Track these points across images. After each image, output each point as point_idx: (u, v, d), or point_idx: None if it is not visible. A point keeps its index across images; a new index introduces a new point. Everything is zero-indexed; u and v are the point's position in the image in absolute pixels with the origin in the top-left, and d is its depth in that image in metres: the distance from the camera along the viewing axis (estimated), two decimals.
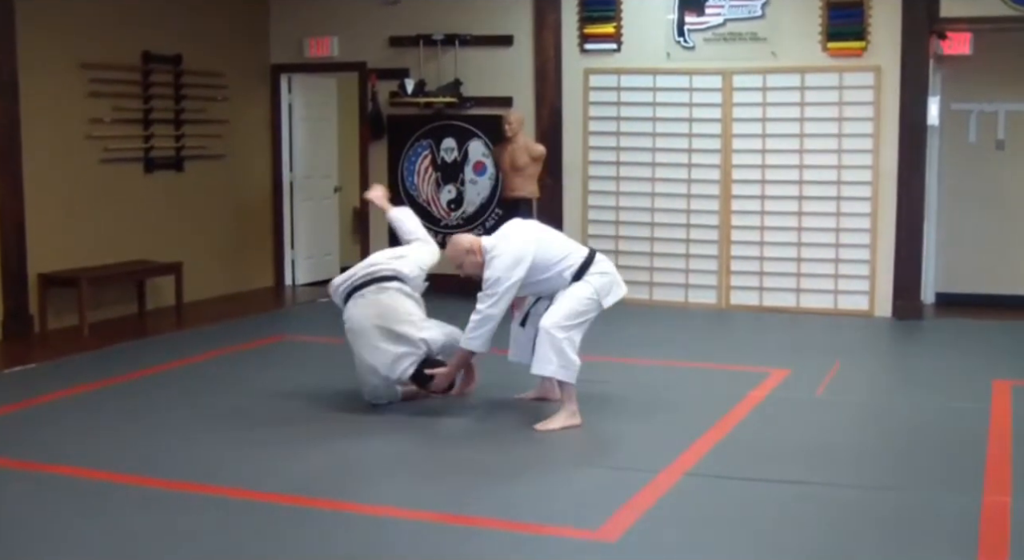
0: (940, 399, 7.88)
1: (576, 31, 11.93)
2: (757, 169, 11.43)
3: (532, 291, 7.26)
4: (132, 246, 11.09)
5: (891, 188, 11.03)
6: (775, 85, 11.31)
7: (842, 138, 11.15)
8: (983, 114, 11.84)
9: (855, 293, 11.22)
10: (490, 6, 12.26)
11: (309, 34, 12.89)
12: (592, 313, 7.12)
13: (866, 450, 6.78)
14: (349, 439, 6.85)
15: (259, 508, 5.59)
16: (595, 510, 5.55)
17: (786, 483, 5.98)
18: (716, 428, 7.02)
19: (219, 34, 12.23)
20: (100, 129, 10.75)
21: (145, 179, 11.35)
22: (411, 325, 7.22)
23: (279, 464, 6.29)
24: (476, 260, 7.07)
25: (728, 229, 11.55)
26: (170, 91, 11.61)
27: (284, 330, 10.71)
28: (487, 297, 6.94)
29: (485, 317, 6.92)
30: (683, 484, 5.97)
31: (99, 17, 10.74)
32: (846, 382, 8.44)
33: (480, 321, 6.93)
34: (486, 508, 5.59)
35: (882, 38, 10.95)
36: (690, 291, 11.73)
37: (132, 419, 7.24)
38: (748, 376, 8.45)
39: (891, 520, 5.47)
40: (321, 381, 8.21)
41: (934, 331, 10.67)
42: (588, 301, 7.06)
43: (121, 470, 6.15)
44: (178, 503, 5.66)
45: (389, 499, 5.76)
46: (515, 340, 7.52)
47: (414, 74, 12.41)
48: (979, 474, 6.11)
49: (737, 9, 11.38)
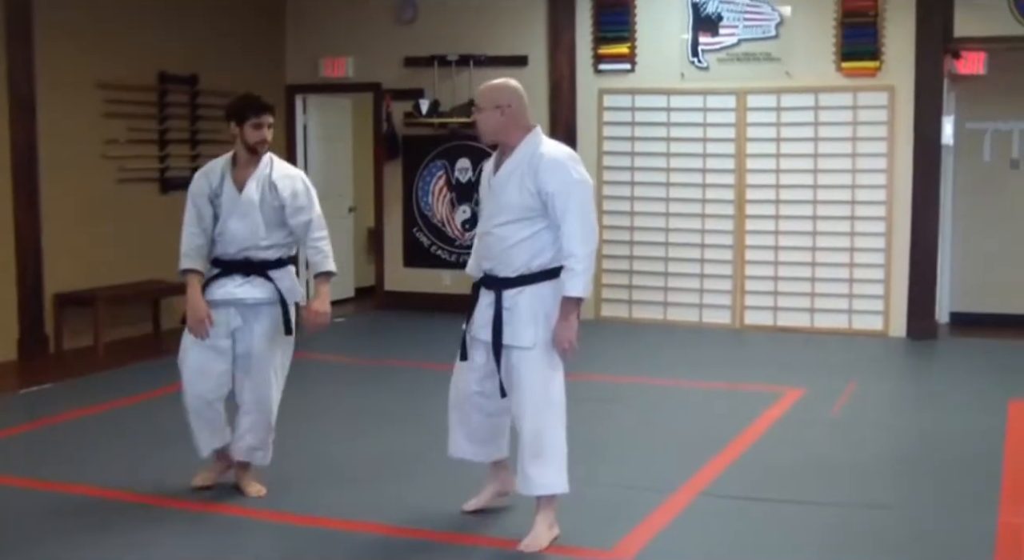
0: (955, 419, 7.86)
1: (590, 51, 11.95)
2: (771, 189, 11.43)
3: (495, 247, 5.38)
4: (147, 265, 11.11)
5: (905, 207, 11.01)
6: (789, 105, 11.31)
7: (856, 158, 11.14)
8: (997, 133, 11.84)
9: (869, 313, 11.19)
10: (504, 27, 12.30)
11: (324, 54, 12.93)
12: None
13: (881, 470, 6.76)
14: (365, 464, 6.86)
15: (274, 529, 5.60)
16: (609, 529, 5.54)
17: (801, 503, 5.97)
18: (731, 448, 7.01)
19: (235, 54, 12.28)
20: (116, 149, 10.81)
21: (161, 199, 11.39)
22: None
23: (295, 484, 6.29)
24: (508, 121, 5.37)
25: (743, 249, 11.55)
26: (186, 111, 11.67)
27: (297, 349, 10.67)
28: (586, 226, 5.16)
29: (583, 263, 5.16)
30: (698, 504, 5.96)
31: (116, 37, 10.81)
32: (861, 402, 8.42)
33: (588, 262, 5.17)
34: (500, 527, 5.59)
35: (896, 57, 10.95)
36: (704, 311, 11.72)
37: (148, 439, 7.25)
38: (763, 396, 8.44)
39: (906, 541, 5.46)
40: (337, 400, 8.22)
41: (949, 351, 10.65)
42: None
43: (138, 490, 6.15)
44: (195, 523, 5.67)
45: (403, 519, 5.74)
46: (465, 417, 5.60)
47: (429, 94, 12.45)
48: (995, 495, 6.10)
49: (751, 29, 11.40)
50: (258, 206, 5.92)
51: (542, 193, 5.15)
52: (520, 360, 5.22)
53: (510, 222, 5.23)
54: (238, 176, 5.99)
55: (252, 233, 5.93)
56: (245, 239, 5.94)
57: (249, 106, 5.97)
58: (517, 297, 5.22)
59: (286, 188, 5.95)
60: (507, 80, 5.51)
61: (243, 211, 5.92)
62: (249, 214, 5.92)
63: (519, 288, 5.23)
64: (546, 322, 5.19)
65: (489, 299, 5.31)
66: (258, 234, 5.94)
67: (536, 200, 5.17)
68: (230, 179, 5.99)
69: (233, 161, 6.05)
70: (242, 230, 5.93)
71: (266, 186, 5.96)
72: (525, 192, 5.18)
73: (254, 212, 5.92)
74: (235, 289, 5.95)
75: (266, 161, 6.02)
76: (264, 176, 5.97)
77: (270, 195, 5.94)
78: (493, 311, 5.25)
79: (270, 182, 5.96)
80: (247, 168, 5.99)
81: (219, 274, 6.00)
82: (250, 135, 5.93)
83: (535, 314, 5.20)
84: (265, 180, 5.97)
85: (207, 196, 6.00)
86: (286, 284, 6.05)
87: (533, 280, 5.23)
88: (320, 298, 5.96)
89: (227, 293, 5.94)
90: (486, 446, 5.60)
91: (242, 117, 5.93)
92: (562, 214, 5.13)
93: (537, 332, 5.19)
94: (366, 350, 10.76)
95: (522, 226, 5.21)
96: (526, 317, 5.20)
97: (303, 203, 5.97)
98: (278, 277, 6.02)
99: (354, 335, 11.70)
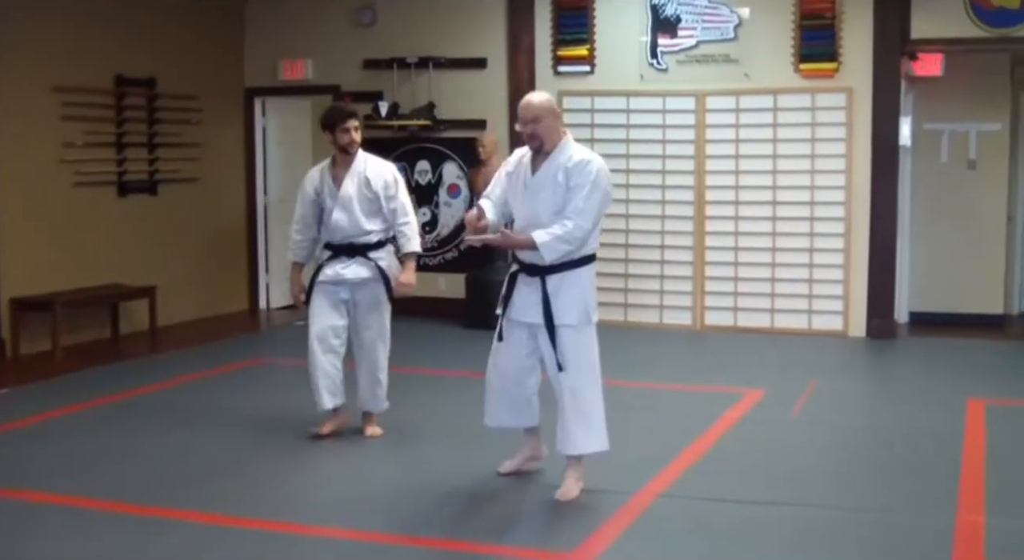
0: (914, 418, 7.91)
1: (550, 53, 11.96)
2: (731, 190, 11.46)
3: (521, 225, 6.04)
4: (106, 270, 11.05)
5: (864, 208, 11.08)
6: (748, 106, 11.35)
7: (815, 159, 11.20)
8: (954, 134, 11.93)
9: (829, 313, 11.24)
10: (464, 29, 12.28)
11: (283, 57, 12.88)
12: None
13: (841, 470, 6.79)
14: (324, 463, 6.84)
15: (235, 533, 5.57)
16: (571, 531, 5.54)
17: (761, 504, 5.98)
18: (691, 449, 7.03)
19: (193, 57, 12.21)
20: (73, 153, 10.72)
21: (119, 203, 11.32)
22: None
23: (255, 488, 6.27)
24: (555, 126, 5.98)
25: (703, 250, 11.58)
26: (144, 114, 11.58)
27: (258, 354, 10.68)
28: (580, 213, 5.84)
29: (571, 234, 5.83)
30: (657, 506, 5.97)
31: (72, 40, 10.72)
32: (821, 402, 8.45)
33: (564, 237, 5.82)
34: (459, 530, 5.59)
35: (854, 59, 11.00)
36: (665, 312, 11.75)
37: (106, 444, 7.20)
38: (723, 397, 8.46)
39: (866, 540, 5.48)
40: (296, 405, 8.18)
41: (908, 350, 10.71)
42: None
43: (95, 495, 6.11)
44: (152, 528, 5.63)
45: (366, 524, 5.72)
46: (506, 393, 6.30)
47: (388, 97, 12.41)
48: (953, 494, 6.13)
49: (710, 31, 11.43)
50: (355, 199, 7.09)
51: (569, 188, 5.87)
52: (566, 336, 5.95)
53: (549, 218, 5.85)
54: (337, 174, 7.17)
55: (353, 223, 7.09)
56: (347, 228, 7.10)
57: (335, 116, 7.19)
58: (560, 282, 5.93)
59: (378, 181, 7.11)
60: (543, 94, 6.18)
61: (343, 204, 7.09)
62: (349, 207, 7.09)
63: (561, 275, 5.92)
64: (583, 303, 5.96)
65: (533, 286, 5.97)
66: (358, 223, 7.09)
67: (567, 195, 5.88)
68: (330, 178, 7.18)
69: (332, 162, 7.24)
70: (344, 220, 7.10)
71: (361, 181, 7.10)
72: (560, 190, 5.88)
73: (352, 205, 7.09)
74: (343, 270, 7.13)
75: (360, 158, 7.18)
76: (359, 172, 7.12)
77: (365, 188, 7.08)
78: (539, 296, 5.93)
79: (364, 177, 7.11)
80: (344, 167, 7.16)
81: (330, 257, 7.21)
82: (340, 138, 7.11)
83: (574, 296, 5.95)
84: (360, 176, 7.12)
85: (311, 196, 7.22)
86: (385, 263, 7.18)
87: (570, 267, 5.94)
88: (407, 272, 7.16)
89: (336, 274, 7.15)
90: (522, 415, 6.30)
91: (332, 126, 7.13)
92: (575, 194, 5.84)
93: (579, 311, 5.95)
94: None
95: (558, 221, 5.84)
96: (569, 300, 5.94)
97: (392, 193, 7.13)
98: (378, 257, 7.16)
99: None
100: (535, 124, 5.92)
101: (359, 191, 7.08)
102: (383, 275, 7.12)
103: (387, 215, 7.13)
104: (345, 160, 7.16)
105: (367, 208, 7.09)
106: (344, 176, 7.12)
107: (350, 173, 7.11)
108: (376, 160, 7.24)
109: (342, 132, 7.09)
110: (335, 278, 7.13)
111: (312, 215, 7.22)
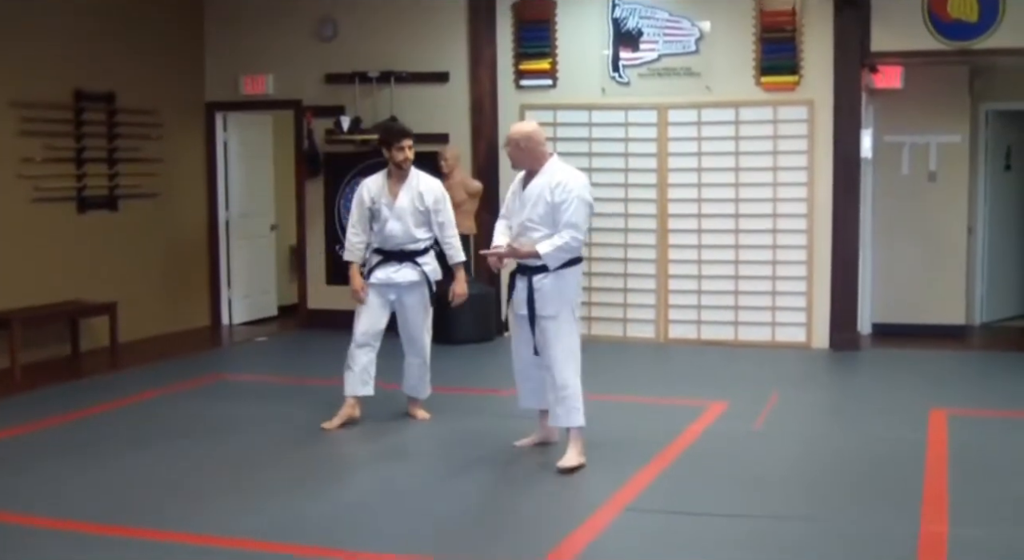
0: (877, 429, 7.92)
1: (512, 67, 11.96)
2: (693, 203, 11.48)
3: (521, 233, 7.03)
4: (65, 286, 10.95)
5: (826, 220, 11.11)
6: (710, 119, 11.38)
7: (777, 171, 11.24)
8: (915, 146, 11.99)
9: (792, 325, 11.27)
10: (425, 43, 12.26)
11: (244, 72, 12.82)
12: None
13: (804, 481, 6.80)
14: (286, 479, 6.79)
15: (194, 551, 5.52)
16: (536, 544, 5.52)
17: (726, 516, 5.97)
18: (655, 462, 7.01)
19: (153, 72, 12.14)
20: (31, 168, 10.62)
21: (78, 218, 11.23)
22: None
23: (215, 505, 6.21)
24: (537, 150, 6.98)
25: (666, 263, 11.59)
26: (103, 129, 11.50)
27: (221, 369, 10.61)
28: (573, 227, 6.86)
29: (568, 245, 6.84)
30: (623, 519, 5.95)
31: (30, 55, 10.63)
32: (784, 414, 8.46)
33: (563, 247, 6.83)
34: (425, 545, 5.55)
35: (815, 72, 11.05)
36: (628, 325, 11.75)
37: (66, 462, 7.12)
38: (686, 410, 8.46)
39: (830, 551, 5.48)
40: (259, 420, 8.14)
41: (871, 361, 10.74)
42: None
43: (54, 514, 6.05)
44: (111, 547, 5.57)
45: (337, 541, 5.69)
46: (527, 376, 7.30)
47: (350, 111, 12.37)
48: (916, 504, 6.14)
49: (671, 44, 11.46)
50: (409, 211, 7.88)
51: (554, 204, 6.84)
52: (545, 325, 6.89)
53: (537, 226, 6.88)
54: (393, 188, 7.92)
55: (405, 232, 7.90)
56: (400, 236, 7.90)
57: (392, 134, 7.96)
58: (544, 280, 6.89)
59: (429, 196, 7.92)
60: (526, 125, 7.18)
61: (398, 215, 7.87)
62: (403, 218, 7.88)
63: (545, 274, 6.88)
64: (565, 297, 6.90)
65: (524, 283, 6.96)
66: (409, 232, 7.90)
67: (553, 210, 6.86)
68: (386, 191, 7.92)
69: (388, 174, 7.98)
70: (398, 230, 7.90)
71: (415, 195, 7.89)
72: (544, 203, 6.86)
73: (406, 216, 7.88)
74: (393, 274, 7.93)
75: (414, 174, 7.95)
76: (413, 187, 7.90)
77: (418, 202, 7.88)
78: (526, 293, 6.91)
79: (418, 192, 7.89)
80: (399, 181, 7.93)
81: (380, 261, 7.95)
82: (396, 156, 7.85)
83: (555, 291, 6.88)
84: (415, 191, 7.90)
85: (367, 204, 7.94)
86: (430, 267, 8.01)
87: (554, 268, 6.88)
88: (459, 282, 8.03)
89: (386, 276, 7.93)
90: (543, 396, 7.12)
91: (389, 143, 7.88)
92: (564, 211, 6.85)
93: (557, 304, 6.88)
94: (289, 369, 10.66)
95: (544, 230, 6.87)
96: (550, 295, 6.88)
97: (441, 207, 7.96)
98: (424, 262, 8.00)
99: (277, 354, 11.62)
100: (515, 148, 6.99)
101: (412, 204, 7.86)
102: (427, 279, 7.95)
103: (435, 227, 7.95)
104: (400, 175, 7.91)
105: (418, 219, 7.89)
106: (400, 190, 7.88)
107: (405, 187, 7.88)
108: (426, 177, 8.01)
109: (397, 150, 7.82)
110: (386, 280, 7.91)
111: (367, 220, 7.97)
